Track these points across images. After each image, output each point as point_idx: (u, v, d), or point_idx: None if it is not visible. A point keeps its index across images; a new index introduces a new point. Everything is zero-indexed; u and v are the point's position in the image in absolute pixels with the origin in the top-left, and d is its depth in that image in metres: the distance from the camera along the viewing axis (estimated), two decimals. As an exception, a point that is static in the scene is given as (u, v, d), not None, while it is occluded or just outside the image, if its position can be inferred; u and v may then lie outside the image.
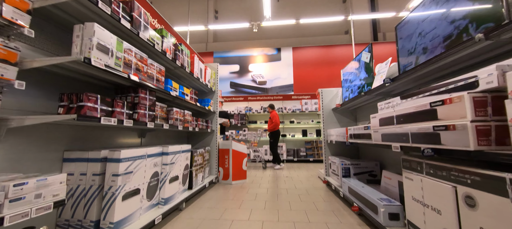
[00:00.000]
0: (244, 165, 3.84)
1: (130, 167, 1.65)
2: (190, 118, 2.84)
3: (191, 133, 3.88)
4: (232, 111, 7.12)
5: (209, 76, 3.70)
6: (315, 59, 7.49)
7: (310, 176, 4.31)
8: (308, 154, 6.50)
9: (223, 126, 5.03)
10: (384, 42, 7.43)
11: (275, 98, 7.31)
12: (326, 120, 3.70)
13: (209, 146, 3.82)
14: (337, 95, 3.70)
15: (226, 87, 7.66)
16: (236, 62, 7.78)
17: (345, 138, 2.68)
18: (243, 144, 4.02)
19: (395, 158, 2.43)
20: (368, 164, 2.69)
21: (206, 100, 3.60)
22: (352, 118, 3.66)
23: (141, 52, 1.84)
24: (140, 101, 1.81)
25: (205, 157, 3.37)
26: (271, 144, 5.44)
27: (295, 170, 5.09)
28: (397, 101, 1.55)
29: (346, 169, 2.68)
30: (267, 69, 7.57)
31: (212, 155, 3.80)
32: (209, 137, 3.84)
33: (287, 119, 7.20)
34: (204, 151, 3.31)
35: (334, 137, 3.20)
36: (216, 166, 3.78)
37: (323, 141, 3.67)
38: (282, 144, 6.59)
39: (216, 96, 3.95)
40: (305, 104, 6.81)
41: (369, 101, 2.83)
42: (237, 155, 3.77)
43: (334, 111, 3.71)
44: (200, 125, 3.24)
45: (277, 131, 5.47)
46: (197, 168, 2.94)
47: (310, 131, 6.87)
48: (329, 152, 3.62)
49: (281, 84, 7.44)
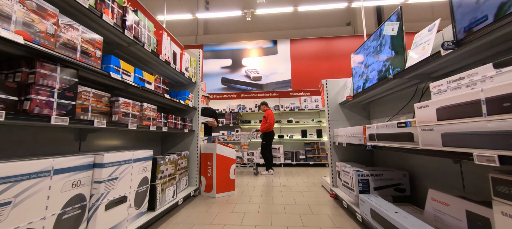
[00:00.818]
0: (231, 173, 3.12)
1: (12, 191, 0.93)
2: (154, 114, 2.11)
3: (168, 135, 3.16)
4: (223, 110, 6.40)
5: (187, 63, 2.98)
6: (315, 53, 6.83)
7: (311, 184, 3.61)
8: (308, 157, 5.81)
9: (209, 126, 4.31)
10: (389, 34, 6.79)
11: (271, 95, 6.61)
12: (332, 118, 3.01)
13: (189, 150, 3.09)
14: (345, 87, 3.00)
15: (217, 83, 6.95)
16: (229, 56, 7.08)
17: (362, 139, 1.98)
18: (231, 147, 3.31)
19: (437, 168, 1.74)
20: (393, 174, 1.99)
21: (182, 93, 2.88)
22: (364, 114, 2.97)
23: (43, 1, 1.12)
24: (38, 81, 1.09)
25: (180, 164, 2.65)
26: (263, 146, 4.75)
27: (294, 176, 4.39)
28: (488, 72, 0.85)
29: (364, 181, 1.98)
30: (263, 63, 6.89)
31: (192, 162, 3.08)
32: (188, 139, 3.12)
33: (284, 118, 6.50)
34: (179, 157, 2.59)
35: (344, 138, 2.50)
36: (197, 175, 3.05)
37: (329, 143, 2.97)
38: (280, 146, 5.89)
39: (198, 89, 3.23)
40: (305, 101, 6.13)
41: (392, 90, 2.13)
42: (223, 161, 3.05)
43: (342, 106, 3.02)
44: (172, 124, 2.52)
45: (271, 132, 4.79)
46: (165, 181, 2.21)
47: (310, 131, 6.18)
48: (337, 157, 2.92)
49: (278, 79, 6.76)
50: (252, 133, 4.91)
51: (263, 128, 4.73)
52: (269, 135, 4.77)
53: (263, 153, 4.75)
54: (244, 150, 4.82)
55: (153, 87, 2.14)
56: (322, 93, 3.31)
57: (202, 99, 3.42)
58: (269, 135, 4.78)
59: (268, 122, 4.69)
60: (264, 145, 4.74)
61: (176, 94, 2.89)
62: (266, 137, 4.76)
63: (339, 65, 6.66)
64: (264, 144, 4.74)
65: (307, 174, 4.60)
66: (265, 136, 4.78)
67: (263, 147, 4.76)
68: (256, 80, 6.83)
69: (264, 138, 4.78)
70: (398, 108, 2.30)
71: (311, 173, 4.71)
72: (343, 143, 2.47)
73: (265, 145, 4.74)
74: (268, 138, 4.76)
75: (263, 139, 4.78)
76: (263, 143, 4.75)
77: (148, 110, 2.03)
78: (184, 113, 3.18)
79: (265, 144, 4.73)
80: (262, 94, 6.62)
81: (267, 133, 4.77)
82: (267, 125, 4.68)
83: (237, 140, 5.85)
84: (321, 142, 5.88)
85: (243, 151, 4.81)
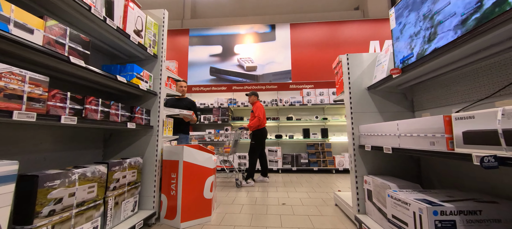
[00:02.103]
0: (207, 190, 2.12)
1: None
2: (38, 93, 1.10)
3: (116, 134, 2.15)
4: (211, 104, 5.39)
5: (140, 25, 1.97)
6: (319, 40, 5.87)
7: (321, 202, 2.63)
8: (311, 161, 4.83)
9: (186, 121, 3.31)
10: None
11: (268, 88, 5.62)
12: (357, 109, 2.03)
13: (143, 155, 2.09)
14: (377, 62, 2.03)
15: (204, 73, 5.94)
16: (219, 43, 6.08)
17: (442, 143, 1.01)
18: (209, 152, 2.31)
19: None
20: (500, 209, 1.02)
21: (128, 68, 1.86)
22: (406, 105, 2.00)
23: None
24: None
25: (120, 180, 1.64)
26: (252, 147, 3.77)
27: (296, 187, 3.40)
28: None
29: (449, 224, 1.00)
30: (258, 51, 5.90)
31: (147, 173, 2.07)
32: (143, 139, 2.11)
33: (283, 114, 5.52)
34: (118, 168, 1.59)
35: (380, 140, 1.54)
36: (154, 194, 2.05)
37: (352, 148, 1.98)
38: (277, 148, 4.90)
39: (160, 67, 2.22)
40: (307, 95, 5.16)
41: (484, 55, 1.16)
42: (194, 173, 2.05)
43: (371, 92, 2.04)
44: (99, 114, 1.51)
45: (262, 130, 3.80)
46: (68, 216, 1.20)
47: (313, 130, 5.21)
48: (365, 168, 1.94)
49: (276, 70, 5.78)
50: (238, 132, 3.89)
51: (252, 124, 3.73)
52: (260, 133, 3.78)
53: (250, 156, 3.76)
54: (225, 154, 3.78)
55: (42, 40, 1.13)
56: (340, 74, 2.33)
57: (167, 82, 2.41)
58: (261, 133, 3.79)
59: (257, 116, 3.70)
60: (252, 146, 3.75)
61: (119, 69, 1.87)
62: (255, 136, 3.78)
63: (347, 53, 5.70)
64: (253, 145, 3.74)
65: (312, 184, 3.61)
66: (254, 135, 3.79)
67: (251, 148, 3.77)
68: (250, 70, 5.85)
69: (253, 137, 3.79)
70: (474, 92, 1.34)
71: (316, 183, 3.73)
72: (385, 147, 1.49)
73: (254, 147, 3.75)
74: (258, 137, 3.76)
75: (252, 139, 3.79)
76: (251, 144, 3.76)
77: (34, 87, 1.02)
78: (135, 100, 2.17)
79: (254, 145, 3.74)
80: (257, 87, 5.63)
81: (257, 132, 3.78)
82: (256, 121, 3.69)
83: (227, 140, 4.85)
84: (327, 144, 4.91)
85: (225, 155, 3.77)
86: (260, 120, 3.71)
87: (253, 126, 3.74)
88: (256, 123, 3.71)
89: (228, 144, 3.99)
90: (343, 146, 5.23)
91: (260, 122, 3.73)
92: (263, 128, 3.82)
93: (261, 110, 3.78)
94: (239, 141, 4.06)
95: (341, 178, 4.13)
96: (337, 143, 5.22)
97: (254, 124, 3.72)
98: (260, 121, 3.72)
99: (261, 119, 3.72)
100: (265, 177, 3.89)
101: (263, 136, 3.80)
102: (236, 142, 3.87)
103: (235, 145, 3.88)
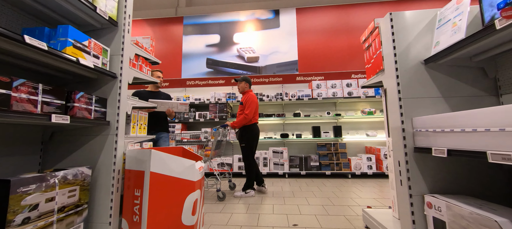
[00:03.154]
0: (188, 212, 1.47)
1: None
2: None
3: (60, 131, 1.52)
4: (207, 100, 4.76)
5: (84, -29, 1.32)
6: (329, 25, 5.18)
7: (344, 222, 1.96)
8: (323, 164, 4.16)
9: (165, 116, 2.69)
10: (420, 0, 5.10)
11: (271, 81, 4.97)
12: (408, 93, 1.35)
13: (95, 164, 1.46)
14: (436, 23, 1.35)
15: (200, 66, 5.30)
16: (216, 31, 5.44)
17: None
18: (192, 157, 1.67)
19: None
20: None
21: (61, 31, 1.22)
22: (483, 85, 1.32)
23: None
24: None
25: (42, 205, 1.00)
26: (244, 151, 3.01)
27: (307, 197, 2.74)
28: None
29: None
30: (260, 40, 5.25)
31: (100, 189, 1.44)
32: (96, 140, 1.48)
33: (289, 110, 4.86)
34: (44, 185, 0.96)
35: (473, 140, 0.86)
36: (111, 219, 1.41)
37: (403, 150, 1.31)
38: (283, 149, 4.25)
39: (122, 38, 1.57)
40: (317, 87, 4.48)
41: None
42: (168, 188, 1.41)
43: (429, 66, 1.36)
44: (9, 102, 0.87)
45: (252, 126, 3.02)
46: None
47: (325, 128, 4.54)
48: (423, 183, 1.27)
49: (280, 60, 5.12)
50: (220, 131, 3.09)
51: (239, 121, 2.95)
52: (249, 133, 3.01)
53: (246, 161, 3.02)
54: (207, 158, 3.02)
55: None
56: (374, 48, 1.66)
57: (136, 62, 1.77)
58: (250, 131, 3.01)
59: (244, 114, 2.93)
60: (244, 149, 3.01)
61: (47, 34, 1.23)
62: (244, 135, 3.02)
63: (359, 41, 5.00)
64: (245, 147, 3.00)
65: (327, 194, 2.94)
66: (242, 134, 3.03)
67: (244, 153, 3.02)
68: (251, 61, 5.20)
69: (241, 138, 3.03)
70: None
71: (331, 191, 3.06)
72: (491, 153, 0.82)
73: (246, 149, 2.99)
74: (248, 136, 3.00)
75: (241, 140, 3.04)
76: (242, 147, 3.02)
77: None
78: (88, 86, 1.53)
79: (245, 147, 2.99)
80: (260, 80, 4.98)
81: (246, 130, 3.00)
82: (242, 118, 2.94)
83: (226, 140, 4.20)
84: (341, 144, 4.23)
85: (207, 160, 3.02)
86: (247, 118, 2.93)
87: (238, 125, 2.98)
88: (241, 121, 2.94)
89: (210, 146, 3.24)
90: (359, 146, 4.54)
91: (247, 120, 2.95)
92: (254, 124, 3.03)
93: (253, 104, 2.98)
94: (224, 143, 3.35)
95: (360, 185, 3.45)
96: (352, 142, 4.54)
97: (240, 122, 2.95)
98: (247, 119, 2.94)
99: (248, 117, 2.93)
100: (261, 186, 3.14)
101: (254, 134, 3.02)
102: (219, 143, 3.20)
103: (219, 147, 3.22)
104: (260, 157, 4.25)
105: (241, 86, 3.16)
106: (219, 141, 3.21)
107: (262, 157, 4.26)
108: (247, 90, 3.16)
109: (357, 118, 4.57)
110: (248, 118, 2.93)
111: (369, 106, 4.66)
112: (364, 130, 4.56)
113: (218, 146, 3.23)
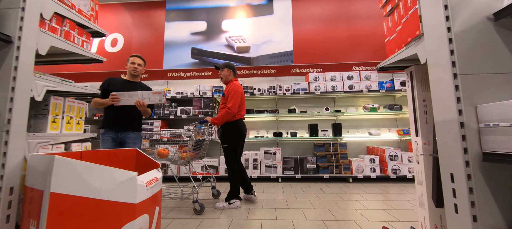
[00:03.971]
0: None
1: None
2: None
3: None
4: (190, 94, 4.20)
5: None
6: (328, 13, 4.69)
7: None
8: (320, 166, 3.69)
9: (139, 112, 2.15)
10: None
11: (263, 73, 4.45)
12: (469, 67, 0.85)
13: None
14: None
15: (185, 56, 4.73)
16: (203, 18, 4.88)
17: None
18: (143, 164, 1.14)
19: None
20: None
21: None
22: None
23: None
24: None
25: None
26: (227, 153, 2.46)
27: (303, 208, 2.24)
28: None
29: None
30: (252, 27, 4.72)
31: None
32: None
33: (283, 105, 4.36)
34: None
35: None
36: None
37: (466, 160, 0.81)
38: (276, 150, 3.75)
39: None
40: (315, 80, 3.99)
41: None
42: (84, 219, 0.87)
43: (500, 24, 0.86)
44: None
45: (237, 123, 2.47)
46: None
47: (323, 125, 4.06)
48: (498, 213, 0.77)
49: (274, 50, 4.61)
50: (199, 128, 2.56)
51: (220, 117, 2.41)
52: (233, 131, 2.46)
53: (229, 165, 2.46)
54: (182, 161, 2.45)
55: None
56: (402, 9, 1.16)
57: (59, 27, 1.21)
58: (234, 131, 2.46)
59: (232, 101, 2.38)
60: (227, 150, 2.46)
61: None
62: (226, 134, 2.46)
63: (362, 30, 4.54)
64: (227, 149, 2.45)
65: (327, 203, 2.45)
66: (224, 133, 2.48)
67: (226, 155, 2.47)
68: (241, 51, 4.66)
69: (224, 138, 2.48)
70: None
71: (332, 200, 2.57)
72: None
73: (229, 151, 2.44)
74: (231, 134, 2.45)
75: (222, 140, 2.50)
76: (225, 148, 2.47)
77: None
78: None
79: (228, 148, 2.45)
80: (250, 72, 4.46)
81: (229, 128, 2.46)
82: (224, 114, 2.39)
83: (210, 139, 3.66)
84: (341, 144, 3.77)
85: (181, 162, 2.48)
86: (230, 113, 2.38)
87: (220, 121, 2.43)
88: (223, 117, 2.39)
89: (187, 145, 2.66)
90: (361, 146, 4.09)
91: (230, 116, 2.40)
92: (239, 120, 2.49)
93: (237, 95, 2.42)
94: (206, 142, 2.80)
95: (363, 191, 2.98)
96: (353, 142, 4.08)
97: (221, 118, 2.41)
98: (230, 114, 2.39)
99: (232, 112, 2.38)
100: (249, 194, 2.62)
101: (239, 133, 2.48)
102: (200, 143, 2.67)
103: (200, 147, 2.70)
104: (250, 159, 3.74)
105: (224, 74, 2.60)
106: (200, 140, 2.68)
107: (252, 158, 3.74)
108: (231, 79, 2.62)
109: (359, 115, 4.11)
110: (231, 112, 2.39)
111: (372, 101, 4.21)
112: (366, 128, 4.11)
113: (199, 146, 2.70)
